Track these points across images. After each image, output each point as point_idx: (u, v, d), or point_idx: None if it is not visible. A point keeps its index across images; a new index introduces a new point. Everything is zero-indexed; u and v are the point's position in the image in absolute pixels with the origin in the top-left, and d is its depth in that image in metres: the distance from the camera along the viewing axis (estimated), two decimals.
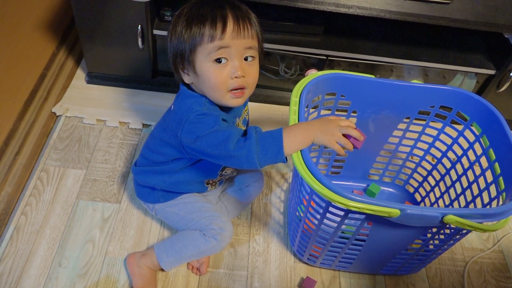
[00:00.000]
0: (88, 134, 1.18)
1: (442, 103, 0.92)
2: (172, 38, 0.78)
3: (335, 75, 0.89)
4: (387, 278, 0.99)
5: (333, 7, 1.08)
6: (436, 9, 1.08)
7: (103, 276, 0.93)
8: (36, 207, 1.02)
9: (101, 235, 0.99)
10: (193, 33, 0.74)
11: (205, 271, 0.94)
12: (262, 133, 0.73)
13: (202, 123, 0.76)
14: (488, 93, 1.28)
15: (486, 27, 1.10)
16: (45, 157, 1.12)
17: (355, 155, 1.06)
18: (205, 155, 0.77)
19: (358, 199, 0.67)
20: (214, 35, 0.73)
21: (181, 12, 0.77)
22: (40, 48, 1.26)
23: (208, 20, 0.73)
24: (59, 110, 1.22)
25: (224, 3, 0.75)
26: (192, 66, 0.77)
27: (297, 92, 0.83)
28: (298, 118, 0.78)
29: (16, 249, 0.95)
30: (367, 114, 0.96)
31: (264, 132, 0.73)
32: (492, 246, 1.08)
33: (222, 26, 0.73)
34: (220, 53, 0.74)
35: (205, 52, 0.74)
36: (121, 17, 1.12)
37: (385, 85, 0.90)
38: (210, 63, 0.75)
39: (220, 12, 0.73)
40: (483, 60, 1.26)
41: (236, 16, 0.74)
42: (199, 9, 0.75)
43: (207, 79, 0.76)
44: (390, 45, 1.26)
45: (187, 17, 0.75)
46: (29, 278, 0.91)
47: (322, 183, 0.68)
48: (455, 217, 0.67)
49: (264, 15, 1.20)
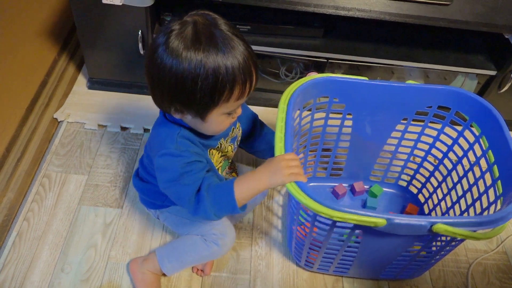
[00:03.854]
0: (89, 140, 1.19)
1: (440, 103, 0.91)
2: (172, 70, 0.66)
3: (326, 79, 0.87)
4: (390, 281, 0.98)
5: (332, 9, 1.08)
6: (436, 10, 1.08)
7: (106, 282, 0.93)
8: (38, 213, 1.02)
9: (103, 240, 0.99)
10: (218, 89, 0.66)
11: (208, 272, 0.94)
12: (214, 191, 0.73)
13: (167, 167, 0.74)
14: (489, 94, 1.28)
15: (486, 28, 1.10)
16: (47, 163, 1.12)
17: (354, 157, 1.05)
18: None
19: (344, 210, 0.65)
20: (241, 95, 0.69)
21: (191, 46, 0.65)
22: (41, 54, 1.27)
23: (238, 81, 0.67)
24: (61, 116, 1.23)
25: (250, 56, 0.68)
26: (200, 115, 0.71)
27: (285, 99, 0.81)
28: (284, 125, 0.77)
29: (18, 255, 0.95)
30: (362, 116, 0.95)
31: (216, 188, 0.74)
32: (496, 247, 1.07)
33: (249, 86, 0.70)
34: (236, 108, 0.73)
35: (225, 109, 0.71)
36: (121, 23, 1.13)
37: (378, 87, 0.89)
38: (223, 115, 0.72)
39: (248, 71, 0.68)
40: (484, 61, 1.26)
41: (256, 66, 0.70)
42: (223, 59, 0.65)
43: (212, 126, 0.74)
44: (391, 47, 1.26)
45: (207, 68, 0.65)
46: (31, 284, 0.91)
47: (307, 194, 0.67)
48: (445, 226, 0.65)
49: (264, 18, 1.20)
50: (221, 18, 0.69)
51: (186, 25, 0.66)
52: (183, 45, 0.65)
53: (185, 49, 0.64)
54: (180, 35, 0.65)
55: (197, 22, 0.66)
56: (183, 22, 0.67)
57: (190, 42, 0.65)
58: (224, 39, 0.65)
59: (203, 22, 0.66)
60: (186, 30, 0.66)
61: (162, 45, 0.66)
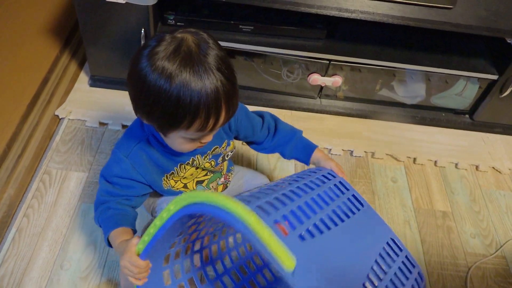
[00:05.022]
0: (90, 137, 1.19)
1: None
2: (146, 84, 0.62)
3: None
4: None
5: (336, 11, 1.08)
6: (439, 14, 1.09)
7: (105, 279, 0.93)
8: (38, 209, 1.02)
9: (103, 238, 0.99)
10: (181, 115, 0.62)
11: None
12: (106, 217, 0.76)
13: (109, 163, 0.78)
14: (490, 98, 1.28)
15: (489, 32, 1.10)
16: (48, 160, 1.12)
17: None
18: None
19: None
20: (202, 129, 0.64)
21: (169, 62, 0.60)
22: (43, 51, 1.27)
23: (199, 115, 0.62)
24: (62, 113, 1.23)
25: (224, 91, 0.62)
26: (161, 131, 0.68)
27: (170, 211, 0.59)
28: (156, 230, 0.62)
29: (18, 251, 0.95)
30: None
31: (109, 217, 0.75)
32: (495, 251, 1.08)
33: (214, 122, 0.64)
34: (200, 137, 0.68)
35: (185, 135, 0.67)
36: (124, 21, 1.13)
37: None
38: (185, 139, 0.68)
39: (215, 107, 0.62)
40: (485, 65, 1.26)
41: (228, 104, 0.63)
42: (191, 86, 0.60)
43: (175, 145, 0.70)
44: (393, 49, 1.26)
45: (172, 90, 0.60)
46: (30, 280, 0.91)
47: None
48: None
49: (267, 19, 1.20)
50: (214, 43, 0.63)
51: (175, 39, 0.62)
52: (162, 56, 0.60)
53: (162, 60, 0.60)
54: (166, 47, 0.61)
55: (187, 40, 0.62)
56: (174, 37, 0.62)
57: (169, 57, 0.60)
58: (202, 66, 0.60)
59: (193, 41, 0.62)
60: (173, 44, 0.61)
61: (148, 47, 0.63)
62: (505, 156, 1.31)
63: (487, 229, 1.13)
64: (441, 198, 1.19)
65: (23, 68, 1.16)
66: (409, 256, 0.68)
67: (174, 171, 0.81)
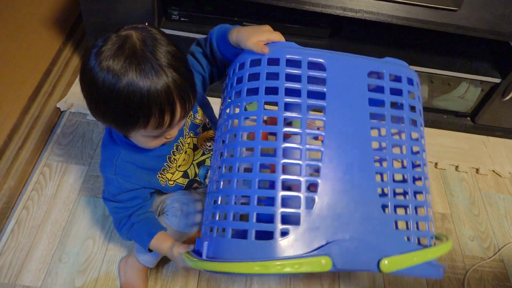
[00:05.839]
0: (91, 131, 1.19)
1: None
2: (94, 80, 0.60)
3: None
4: (386, 284, 0.99)
5: (340, 10, 1.08)
6: (443, 15, 1.08)
7: (103, 273, 0.93)
8: (38, 201, 1.02)
9: (102, 232, 0.99)
10: (134, 115, 0.60)
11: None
12: (137, 228, 0.79)
13: (106, 189, 0.79)
14: (492, 102, 1.28)
15: (492, 35, 1.10)
16: (48, 152, 1.12)
17: None
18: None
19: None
20: (159, 126, 0.63)
21: (114, 60, 0.59)
22: (46, 43, 1.26)
23: (154, 113, 0.60)
24: (64, 106, 1.23)
25: (175, 87, 0.60)
26: (121, 131, 0.67)
27: None
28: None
29: (16, 243, 0.95)
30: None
31: (141, 226, 0.79)
32: (493, 255, 1.08)
33: (170, 118, 0.62)
34: (161, 134, 0.67)
35: (146, 134, 0.65)
36: (128, 14, 1.13)
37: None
38: (148, 137, 0.67)
39: (169, 104, 0.61)
40: (488, 68, 1.26)
41: (183, 99, 0.62)
42: (139, 84, 0.58)
43: (140, 144, 0.70)
44: (396, 50, 1.26)
45: (121, 89, 0.58)
46: (29, 272, 0.91)
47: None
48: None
49: (271, 16, 1.20)
50: (163, 39, 0.61)
51: (120, 37, 0.61)
52: (107, 55, 0.59)
53: (107, 59, 0.59)
54: (111, 46, 0.60)
55: (131, 37, 0.60)
56: (119, 35, 0.61)
57: (114, 56, 0.59)
58: (149, 63, 0.58)
59: (137, 37, 0.60)
60: (117, 42, 0.60)
61: (96, 47, 0.61)
62: (505, 160, 1.31)
63: (485, 232, 1.13)
64: (440, 200, 1.19)
65: (25, 60, 1.16)
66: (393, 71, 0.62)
67: (165, 166, 0.81)
